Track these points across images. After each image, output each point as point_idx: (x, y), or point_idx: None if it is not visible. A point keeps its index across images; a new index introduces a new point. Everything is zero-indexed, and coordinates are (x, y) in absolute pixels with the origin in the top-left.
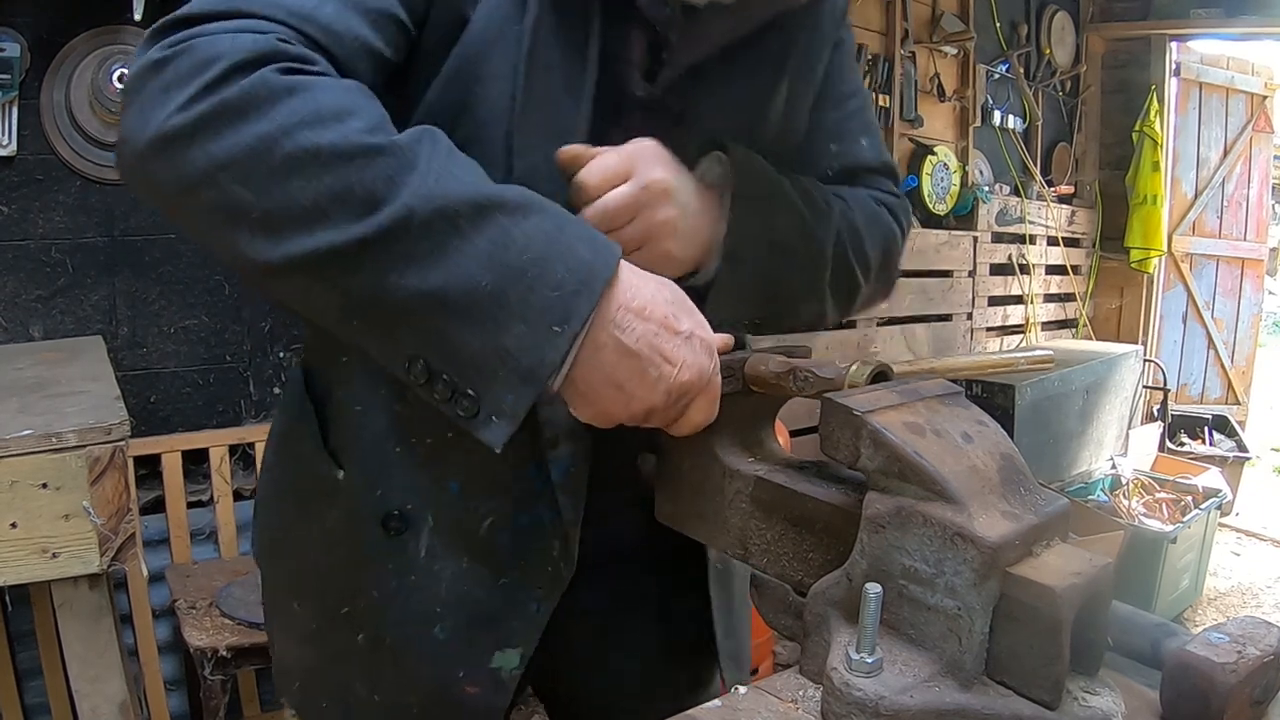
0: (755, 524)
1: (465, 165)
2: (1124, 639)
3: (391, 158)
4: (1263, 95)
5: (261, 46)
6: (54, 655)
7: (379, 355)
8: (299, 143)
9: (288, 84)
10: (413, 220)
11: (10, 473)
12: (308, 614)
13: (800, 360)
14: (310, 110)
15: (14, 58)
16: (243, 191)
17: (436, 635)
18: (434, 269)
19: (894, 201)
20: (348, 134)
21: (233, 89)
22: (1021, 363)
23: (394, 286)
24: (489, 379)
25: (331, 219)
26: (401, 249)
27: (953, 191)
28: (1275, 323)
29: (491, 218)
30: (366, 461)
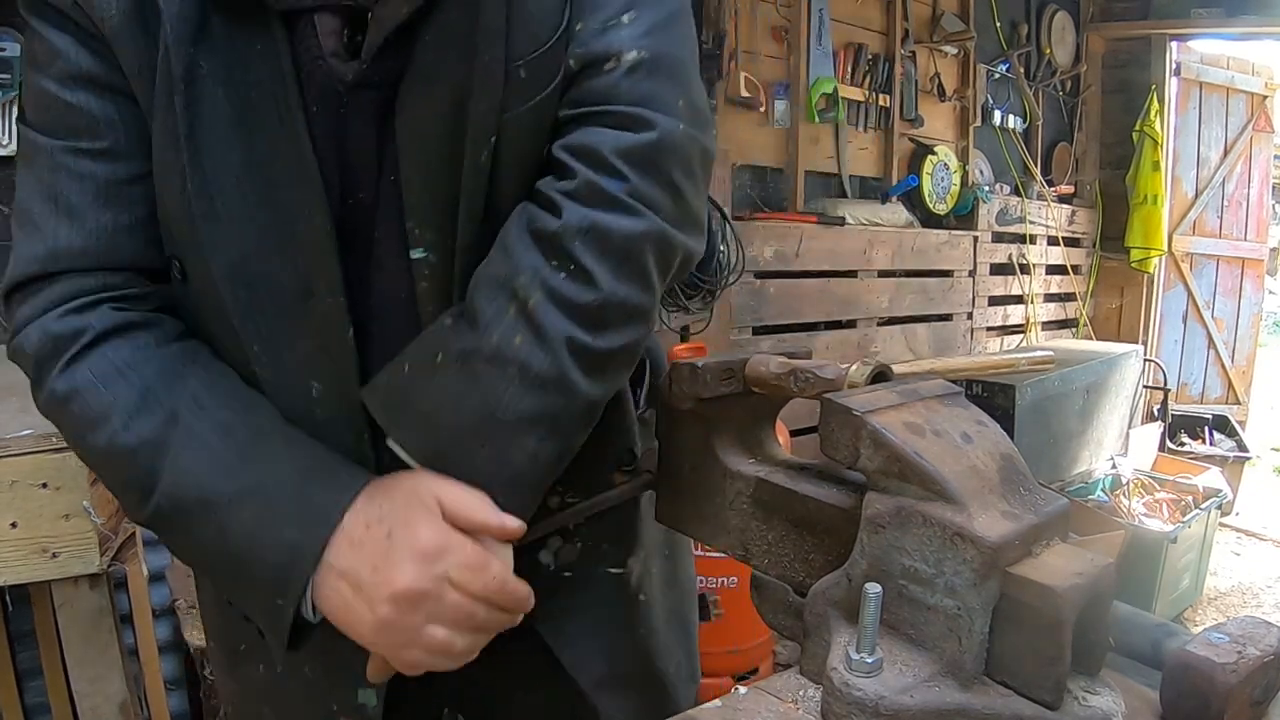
0: (756, 525)
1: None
2: (1124, 639)
3: (144, 454)
4: (1263, 95)
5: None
6: (54, 655)
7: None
8: (84, 446)
9: (63, 394)
10: (162, 512)
11: (10, 472)
12: (220, 651)
13: (801, 361)
14: (82, 418)
15: (14, 57)
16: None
17: (306, 673)
18: (189, 549)
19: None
20: (111, 438)
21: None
22: (1022, 363)
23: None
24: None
25: (127, 500)
26: (164, 529)
27: (953, 191)
28: (1275, 322)
29: (213, 512)
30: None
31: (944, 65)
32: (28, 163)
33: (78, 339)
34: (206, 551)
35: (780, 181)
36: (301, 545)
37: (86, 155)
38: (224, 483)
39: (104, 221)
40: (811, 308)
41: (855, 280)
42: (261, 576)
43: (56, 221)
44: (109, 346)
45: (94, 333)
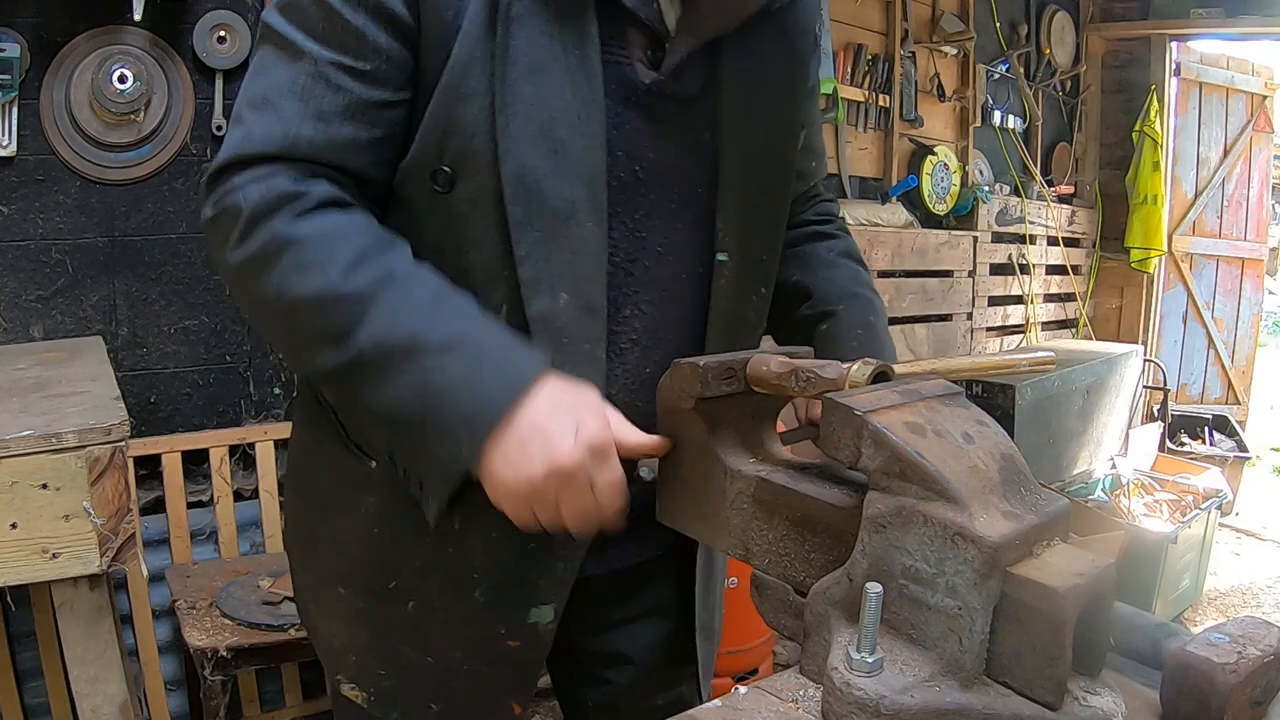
0: (757, 524)
1: (416, 306)
2: (1124, 639)
3: (356, 303)
4: (1263, 95)
5: (267, 194)
6: (54, 655)
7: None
8: (292, 292)
9: (286, 238)
10: (363, 357)
11: (10, 473)
12: (355, 595)
13: (802, 361)
14: (297, 263)
15: (14, 58)
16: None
17: (476, 598)
18: (380, 395)
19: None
20: (327, 282)
21: (250, 245)
22: (1023, 364)
23: (361, 402)
24: (424, 473)
25: (319, 350)
26: (360, 377)
27: (953, 191)
28: (1275, 323)
29: (418, 358)
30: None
31: (944, 65)
32: (284, 58)
33: (301, 198)
34: (400, 396)
35: None
36: (497, 395)
37: (348, 73)
38: (433, 333)
39: (345, 133)
40: None
41: None
42: (454, 420)
43: (302, 119)
44: (332, 211)
45: (318, 198)
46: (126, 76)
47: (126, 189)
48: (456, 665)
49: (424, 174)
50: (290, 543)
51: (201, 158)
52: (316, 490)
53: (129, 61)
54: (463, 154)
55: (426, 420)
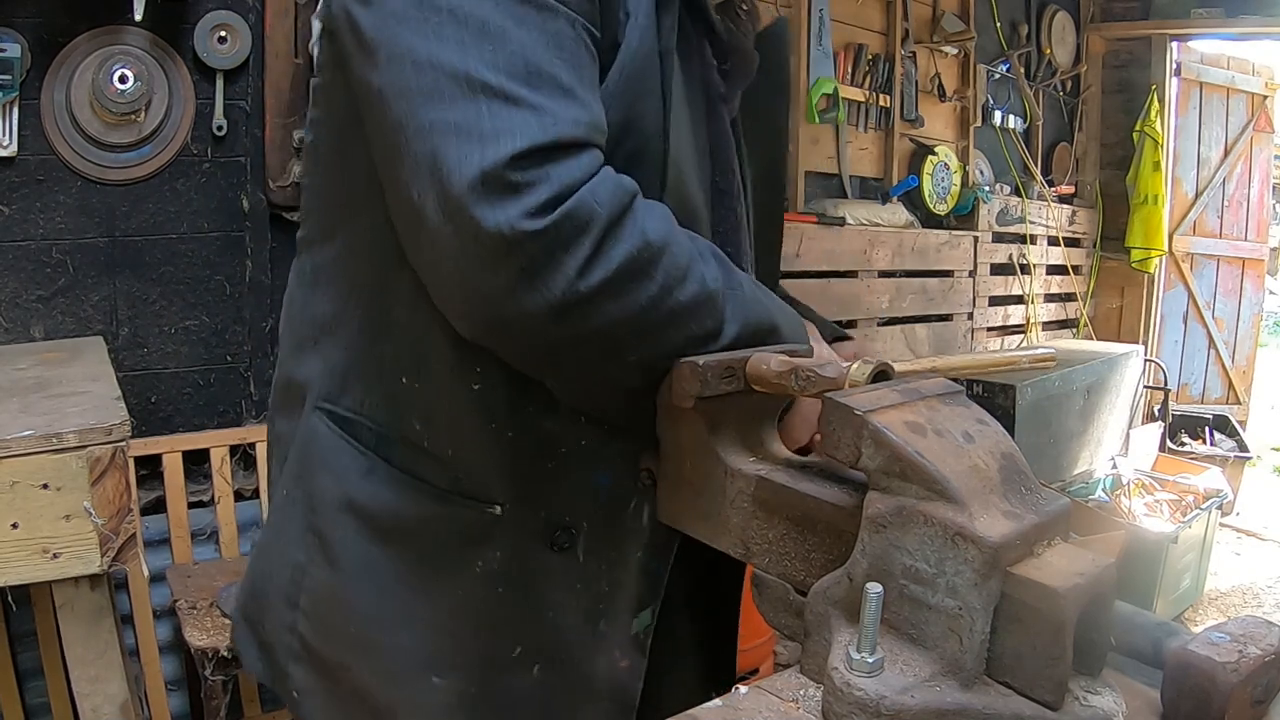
0: (757, 524)
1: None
2: (1125, 638)
3: (724, 300)
4: (1263, 95)
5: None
6: (55, 655)
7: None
8: (675, 300)
9: (659, 242)
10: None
11: (11, 473)
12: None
13: (802, 360)
14: (675, 270)
15: (14, 58)
16: (632, 345)
17: (600, 629)
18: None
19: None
20: (703, 286)
21: (614, 257)
22: (1023, 361)
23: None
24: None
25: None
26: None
27: (953, 191)
28: (1276, 322)
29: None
30: (524, 486)
31: (944, 65)
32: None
33: (635, 193)
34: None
35: None
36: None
37: (591, 38)
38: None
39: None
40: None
41: (855, 280)
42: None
43: (589, 93)
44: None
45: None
46: (127, 77)
47: (127, 189)
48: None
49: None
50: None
51: (202, 158)
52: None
53: (129, 61)
54: (637, 154)
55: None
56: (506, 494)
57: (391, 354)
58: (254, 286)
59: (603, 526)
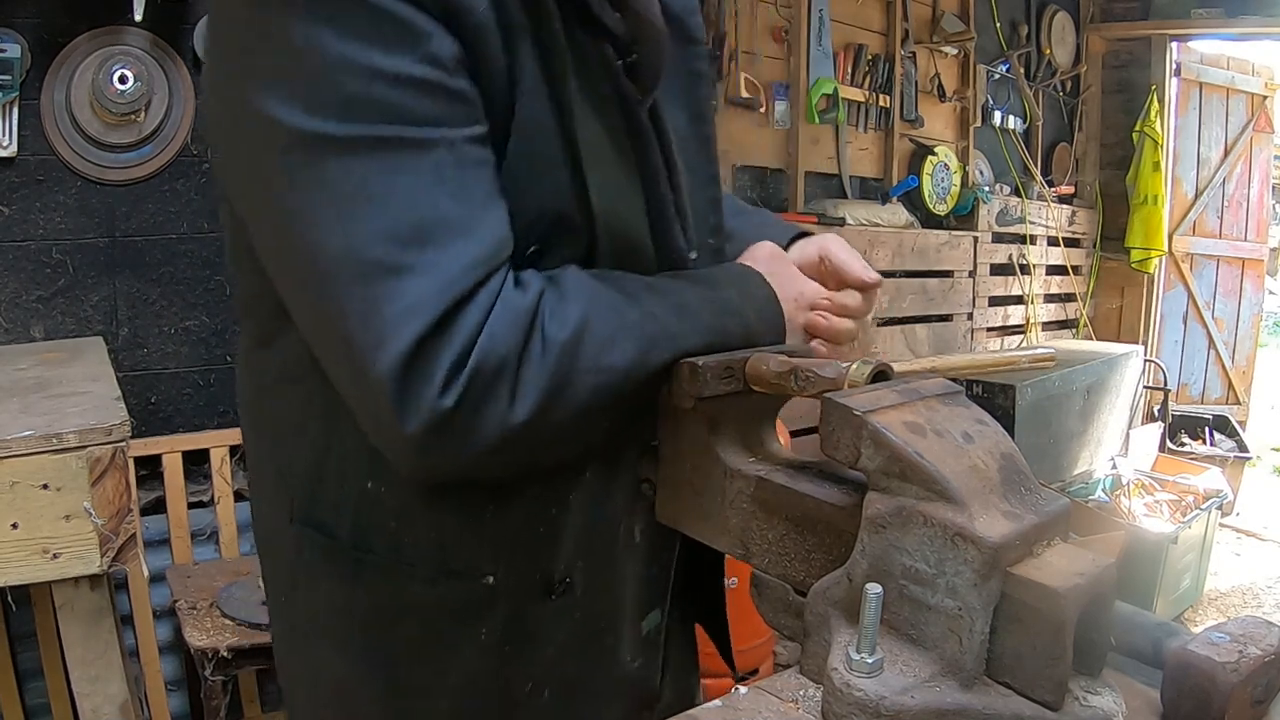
0: (756, 524)
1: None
2: (1125, 638)
3: (668, 333)
4: (1263, 95)
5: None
6: (55, 656)
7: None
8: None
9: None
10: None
11: (11, 473)
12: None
13: (801, 360)
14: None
15: (14, 58)
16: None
17: (608, 644)
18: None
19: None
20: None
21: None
22: (1023, 361)
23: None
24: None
25: (653, 388)
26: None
27: (953, 192)
28: (1276, 323)
29: (742, 318)
30: (514, 553)
31: (944, 66)
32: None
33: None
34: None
35: (780, 182)
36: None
37: (479, 143)
38: (721, 311)
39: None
40: None
41: None
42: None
43: (484, 213)
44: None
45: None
46: (127, 77)
47: (127, 189)
48: (582, 707)
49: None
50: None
51: (202, 158)
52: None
53: (129, 62)
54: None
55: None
56: (497, 564)
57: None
58: None
59: (599, 561)
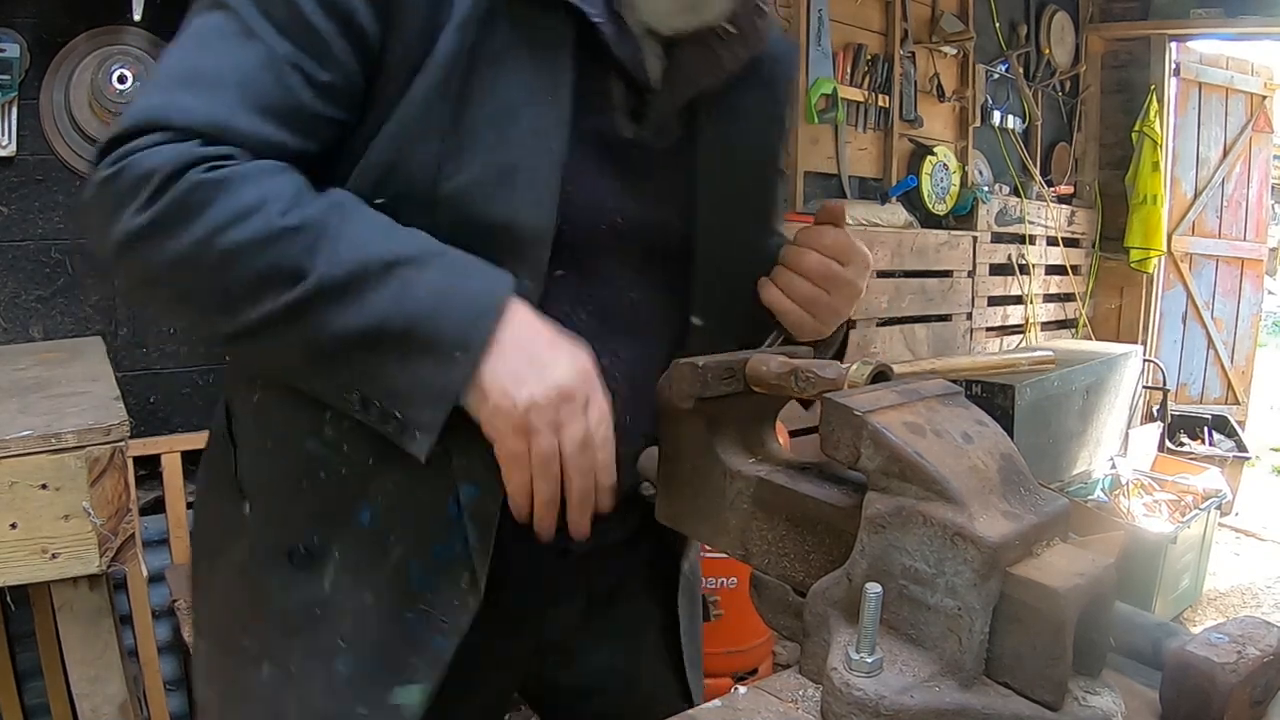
0: (756, 524)
1: (371, 226)
2: (1124, 639)
3: (306, 233)
4: (1262, 95)
5: (183, 156)
6: (54, 656)
7: (325, 392)
8: (229, 240)
9: (209, 184)
10: (331, 281)
11: (10, 473)
12: (213, 651)
13: (801, 360)
14: (232, 209)
15: (14, 58)
16: (195, 283)
17: (339, 669)
18: (355, 318)
19: None
20: (268, 222)
21: (168, 196)
22: (1023, 363)
23: (326, 335)
24: (410, 401)
25: (267, 293)
26: (325, 305)
27: (952, 191)
28: (1275, 323)
29: (395, 271)
30: (272, 496)
31: (943, 66)
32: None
33: (229, 157)
34: (377, 312)
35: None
36: (485, 301)
37: (302, 76)
38: (404, 246)
39: (278, 137)
40: None
41: None
42: (441, 331)
43: (238, 107)
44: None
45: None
46: (126, 77)
47: None
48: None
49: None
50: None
51: None
52: (197, 533)
53: (129, 62)
54: (402, 195)
55: (412, 333)
56: (254, 494)
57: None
58: None
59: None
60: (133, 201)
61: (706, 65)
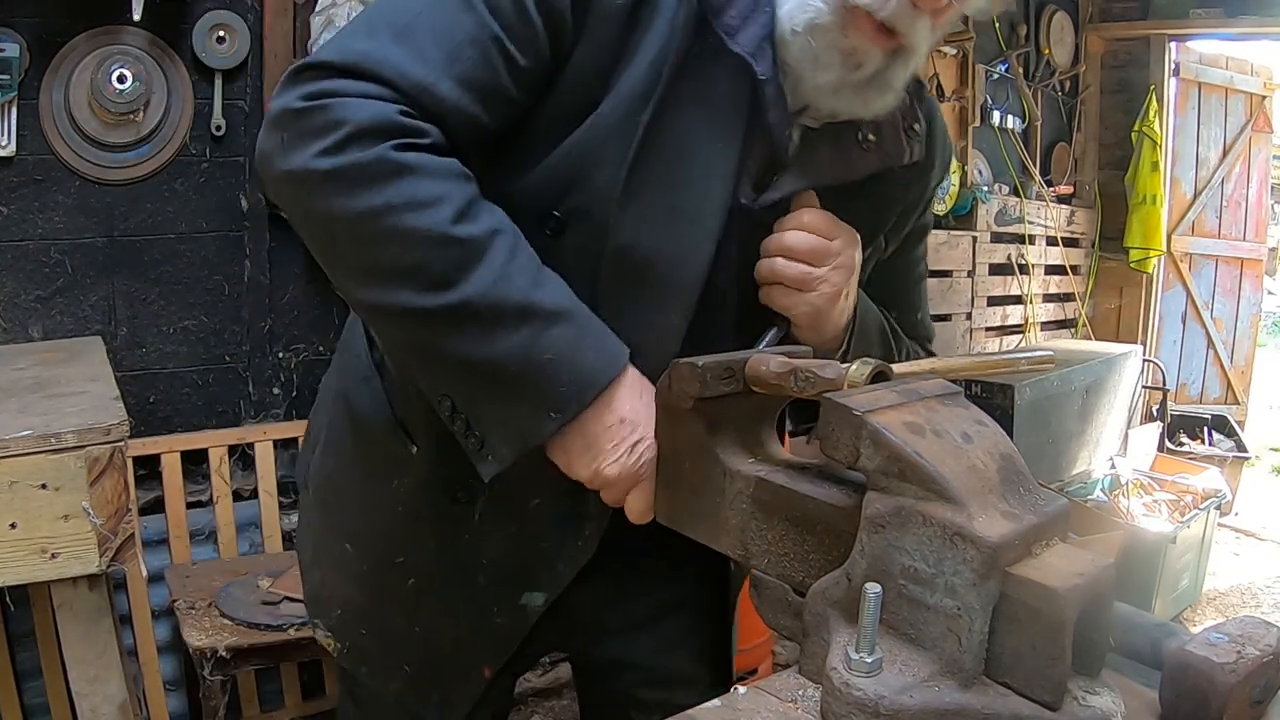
0: (756, 524)
1: (523, 268)
2: (1124, 639)
3: (466, 250)
4: (1262, 95)
5: (382, 118)
6: (54, 656)
7: (420, 381)
8: (398, 222)
9: (399, 164)
10: (470, 307)
11: (10, 473)
12: (361, 558)
13: (801, 360)
14: (411, 195)
15: (13, 58)
16: (346, 243)
17: (479, 582)
18: (477, 347)
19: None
20: (437, 221)
21: (352, 157)
22: (1022, 363)
23: (444, 349)
24: (495, 431)
25: (407, 286)
26: (456, 325)
27: (952, 191)
28: (1274, 322)
29: (530, 321)
30: (439, 444)
31: (943, 65)
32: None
33: (422, 135)
34: (502, 353)
35: None
36: (596, 375)
37: (504, 57)
38: (544, 297)
39: (472, 110)
40: None
41: None
42: (549, 391)
43: (444, 73)
44: (446, 157)
45: (434, 140)
46: (126, 76)
47: (126, 189)
48: (442, 635)
49: (534, 212)
50: (308, 487)
51: (201, 157)
52: (352, 453)
53: (128, 61)
54: (579, 211)
55: (526, 382)
56: (420, 436)
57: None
58: (252, 286)
59: (505, 507)
60: (319, 143)
61: (837, 164)
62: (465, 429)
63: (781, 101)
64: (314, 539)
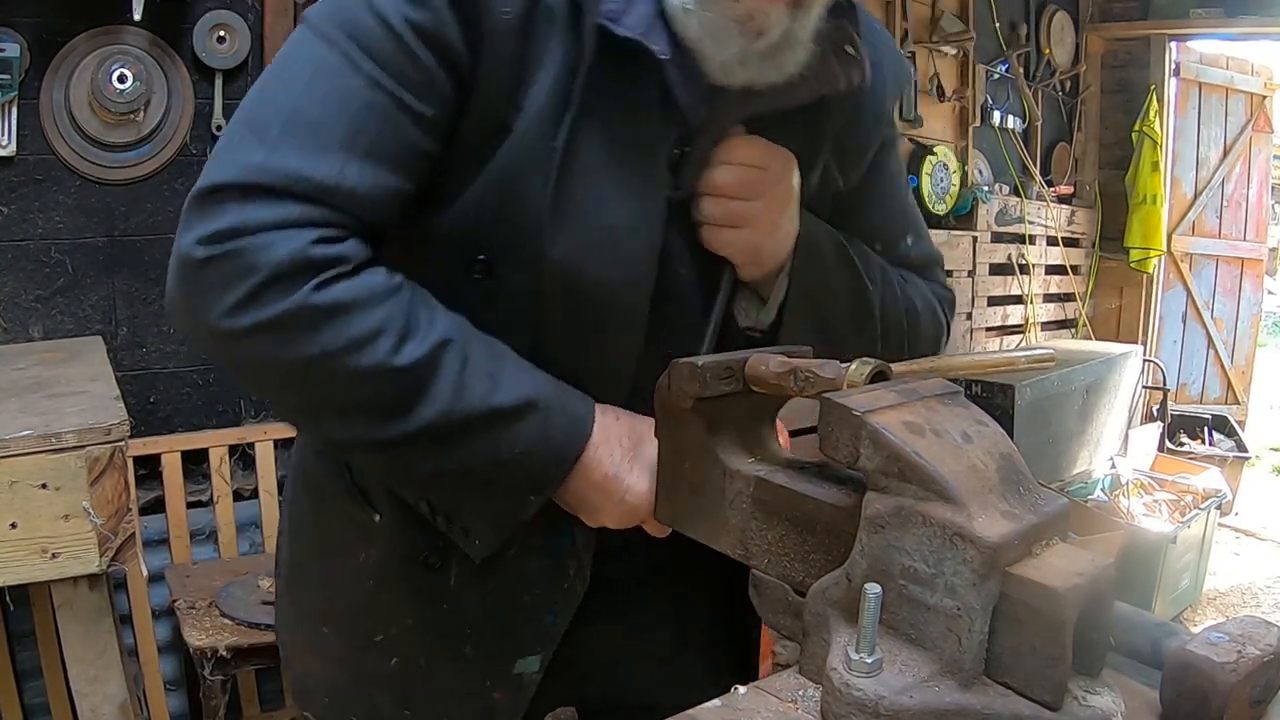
0: (756, 524)
1: (477, 373)
2: (1124, 638)
3: (416, 376)
4: (1262, 95)
5: (296, 256)
6: (54, 655)
7: (395, 487)
8: (338, 366)
9: (324, 307)
10: (431, 430)
11: (10, 473)
12: (339, 637)
13: (800, 360)
14: (346, 336)
15: (14, 58)
16: (287, 391)
17: (466, 653)
18: (447, 461)
19: (944, 294)
20: (379, 357)
21: (275, 310)
22: (1022, 362)
23: (413, 468)
24: (477, 521)
25: (361, 421)
26: (422, 446)
27: (952, 191)
28: (1275, 322)
29: (495, 424)
30: (403, 509)
31: (943, 65)
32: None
33: (338, 264)
34: (470, 461)
35: None
36: (566, 451)
37: (407, 113)
38: (503, 396)
39: (390, 184)
40: None
41: None
42: (525, 478)
43: (349, 157)
44: (367, 274)
45: (354, 262)
46: (126, 76)
47: (126, 189)
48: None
49: (461, 256)
50: (280, 575)
51: (201, 157)
52: (315, 531)
53: (129, 61)
54: (508, 246)
55: (501, 478)
56: (382, 504)
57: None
58: None
59: (481, 563)
60: (231, 296)
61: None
62: (447, 522)
63: (691, 82)
64: (290, 627)
